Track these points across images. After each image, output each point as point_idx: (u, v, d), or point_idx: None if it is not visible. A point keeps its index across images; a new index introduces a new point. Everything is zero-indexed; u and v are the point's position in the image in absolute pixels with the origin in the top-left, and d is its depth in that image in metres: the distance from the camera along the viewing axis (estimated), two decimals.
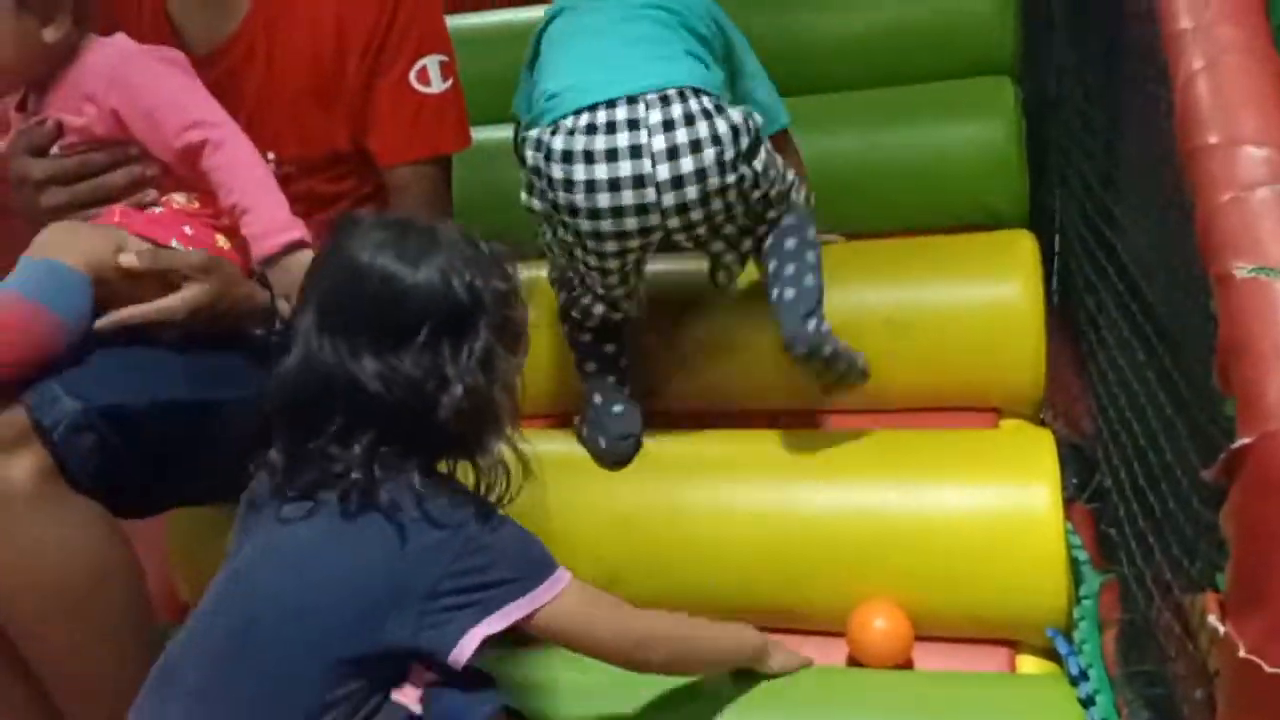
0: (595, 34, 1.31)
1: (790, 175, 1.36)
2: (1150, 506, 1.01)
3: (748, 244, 1.36)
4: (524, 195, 1.30)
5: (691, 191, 1.22)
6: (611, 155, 1.21)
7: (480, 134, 1.55)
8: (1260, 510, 0.61)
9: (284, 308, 1.22)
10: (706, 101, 1.23)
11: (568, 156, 1.22)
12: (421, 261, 0.96)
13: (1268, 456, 0.60)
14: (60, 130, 1.23)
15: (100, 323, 1.14)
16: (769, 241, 1.35)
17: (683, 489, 1.35)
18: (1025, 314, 1.43)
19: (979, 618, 1.24)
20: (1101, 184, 1.46)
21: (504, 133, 1.58)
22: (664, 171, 1.20)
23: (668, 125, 1.21)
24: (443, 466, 1.01)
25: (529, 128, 1.31)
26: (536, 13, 2.03)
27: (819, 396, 1.49)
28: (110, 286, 1.15)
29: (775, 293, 1.33)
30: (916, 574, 1.24)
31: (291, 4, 1.37)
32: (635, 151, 1.20)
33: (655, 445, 1.39)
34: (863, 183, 1.60)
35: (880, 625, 1.23)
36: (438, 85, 1.40)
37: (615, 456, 1.40)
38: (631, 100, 1.22)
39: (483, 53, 1.94)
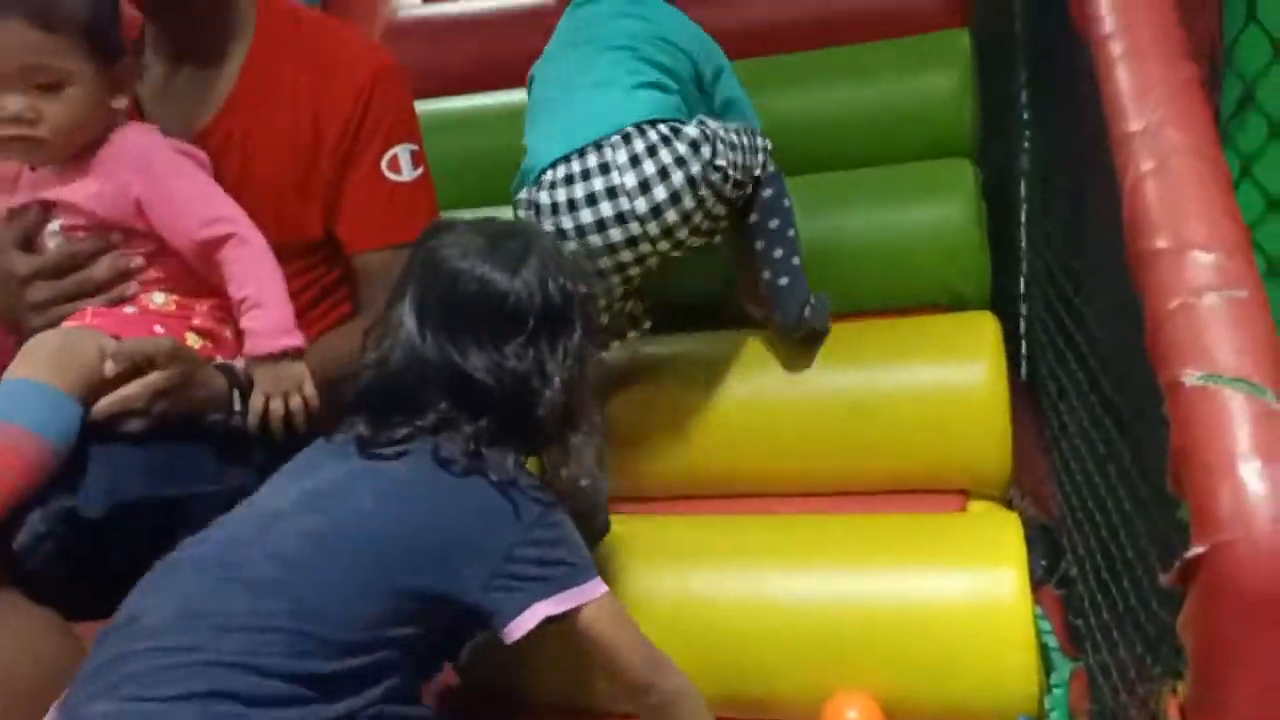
0: (559, 86, 1.43)
1: (748, 142, 1.43)
2: (1113, 599, 1.01)
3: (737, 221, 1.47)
4: None
5: (671, 215, 1.33)
6: (591, 200, 1.32)
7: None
8: (1216, 620, 0.60)
9: (257, 406, 1.21)
10: (663, 129, 1.33)
11: (554, 209, 1.34)
12: (519, 267, 1.05)
13: (1221, 567, 0.59)
14: (47, 212, 1.22)
15: None
16: (753, 218, 1.48)
17: (648, 576, 1.33)
18: (990, 397, 1.44)
19: (952, 706, 1.22)
20: (1062, 269, 1.48)
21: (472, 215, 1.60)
22: (642, 205, 1.32)
23: (634, 161, 1.32)
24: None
25: (518, 189, 1.42)
26: (506, 97, 2.10)
27: (785, 480, 1.49)
28: (93, 393, 1.14)
29: (767, 276, 1.48)
30: (887, 663, 1.22)
31: (268, 96, 1.37)
32: (611, 193, 1.32)
33: (621, 528, 1.38)
34: (825, 265, 1.61)
35: (854, 717, 1.22)
36: (408, 174, 1.41)
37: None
38: (598, 146, 1.33)
39: (449, 137, 1.97)
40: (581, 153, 1.33)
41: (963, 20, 1.96)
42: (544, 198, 1.35)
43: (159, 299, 1.24)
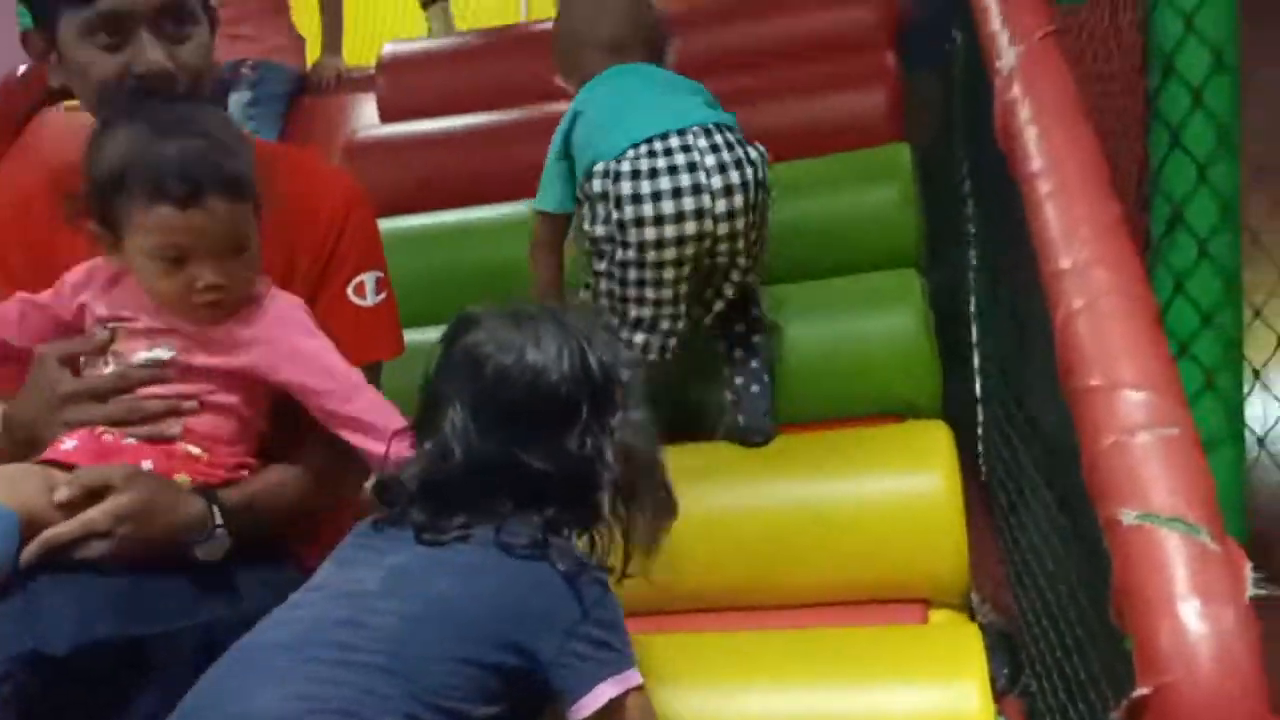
0: (631, 94, 1.59)
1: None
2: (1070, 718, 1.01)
3: (746, 279, 1.61)
4: (586, 226, 1.55)
5: (737, 199, 1.49)
6: (673, 170, 1.48)
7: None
8: None
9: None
10: (736, 135, 1.54)
11: (635, 175, 1.48)
12: (562, 351, 1.07)
13: (1166, 709, 0.61)
14: (112, 337, 1.20)
15: (25, 553, 1.08)
16: (739, 327, 1.64)
17: None
18: (945, 506, 1.46)
19: None
20: (1013, 375, 1.51)
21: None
22: (717, 181, 1.48)
23: (714, 149, 1.50)
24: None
25: (587, 172, 1.54)
26: (462, 214, 2.13)
27: (746, 593, 1.50)
28: (39, 526, 1.10)
29: (740, 382, 1.62)
30: None
31: None
32: (691, 167, 1.48)
33: None
34: (778, 375, 1.64)
35: None
36: (371, 299, 1.42)
37: None
38: (680, 132, 1.50)
39: (406, 254, 2.00)
40: (664, 136, 1.49)
41: (902, 134, 2.04)
42: (625, 166, 1.49)
43: (194, 450, 1.20)
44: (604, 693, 1.00)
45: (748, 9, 2.36)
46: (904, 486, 1.49)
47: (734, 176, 1.49)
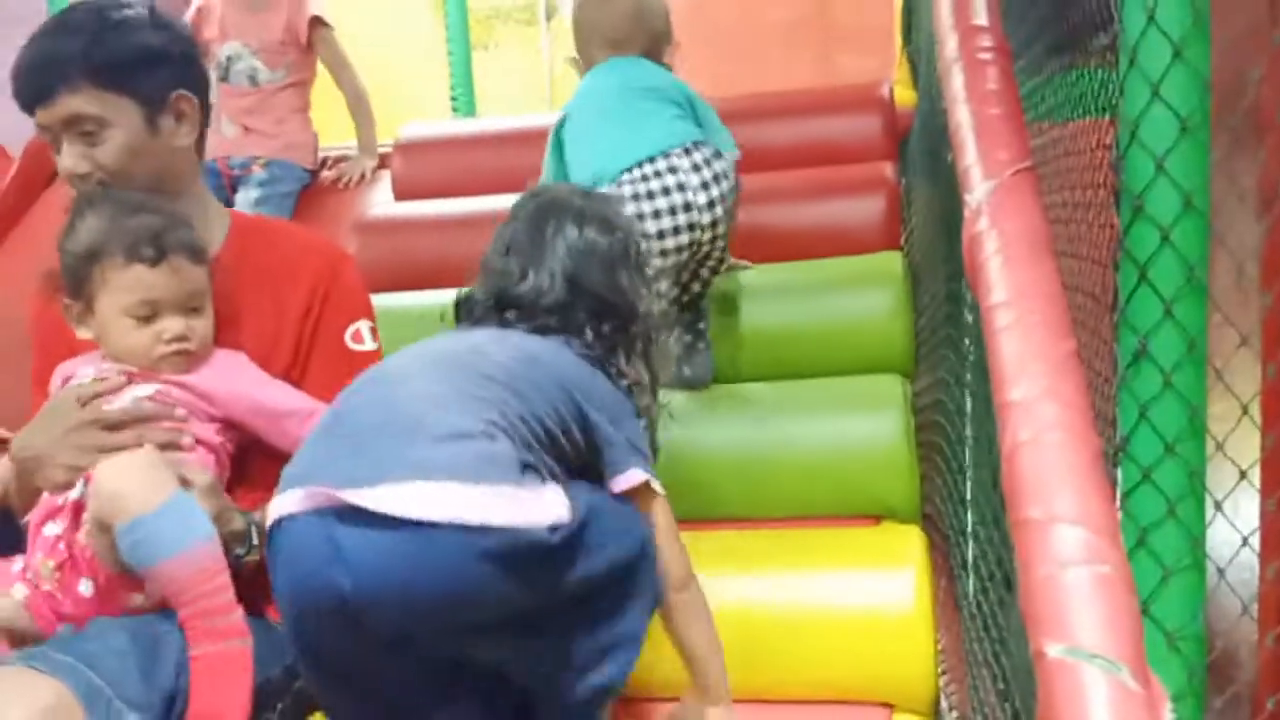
0: (613, 118, 1.85)
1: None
2: None
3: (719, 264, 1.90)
4: None
5: (718, 209, 1.78)
6: (665, 191, 1.76)
7: None
8: None
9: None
10: (709, 149, 1.81)
11: (635, 198, 1.75)
12: (618, 213, 1.45)
13: None
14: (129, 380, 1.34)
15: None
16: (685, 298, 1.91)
17: None
18: (914, 612, 1.48)
19: None
20: (986, 494, 1.53)
21: None
22: (702, 198, 1.76)
23: (696, 168, 1.78)
24: None
25: (595, 185, 1.77)
26: None
27: None
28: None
29: (689, 339, 1.89)
30: None
31: (230, 301, 1.46)
32: (680, 187, 1.76)
33: None
34: (757, 471, 1.67)
35: None
36: (369, 344, 1.51)
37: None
38: (665, 155, 1.79)
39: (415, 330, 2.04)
40: (653, 160, 1.78)
41: (898, 243, 2.09)
42: (626, 190, 1.75)
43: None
44: (637, 475, 1.24)
45: (753, 112, 2.44)
46: (874, 590, 1.51)
47: (714, 191, 1.78)
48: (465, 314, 1.39)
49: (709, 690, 1.29)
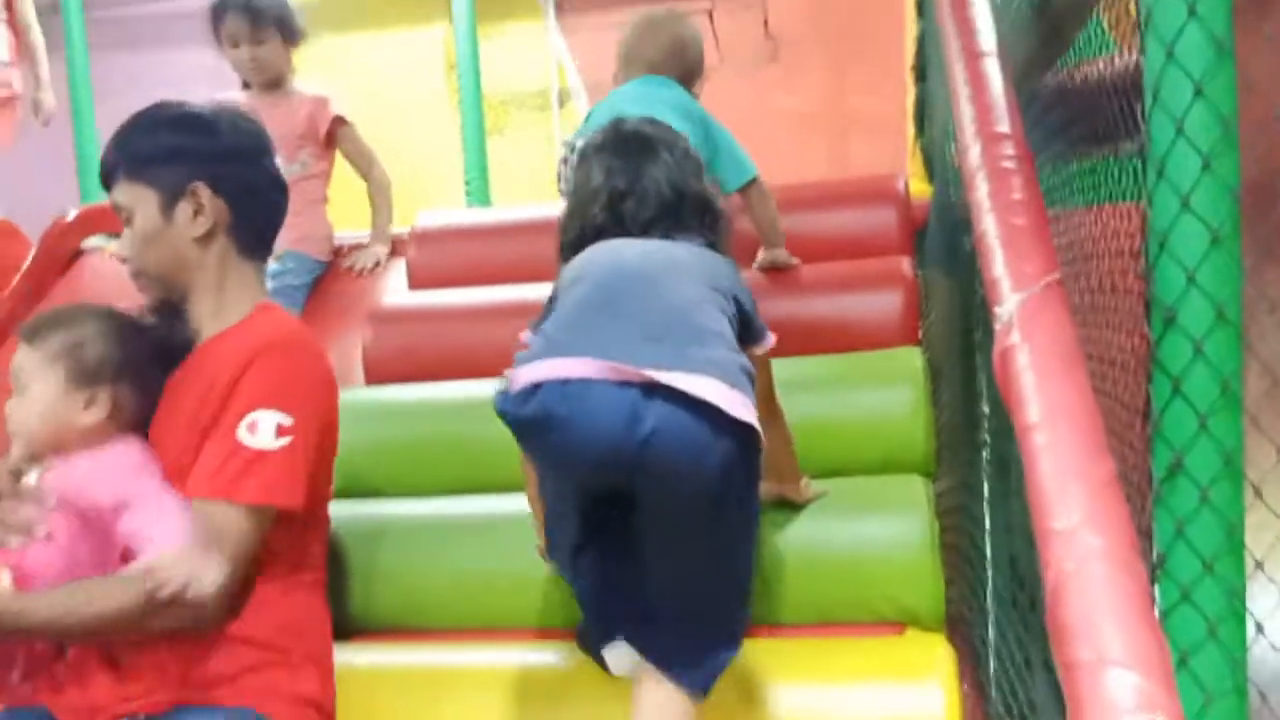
0: (625, 112, 1.94)
1: None
2: None
3: None
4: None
5: None
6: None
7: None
8: None
9: None
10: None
11: None
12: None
13: None
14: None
15: None
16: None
17: None
18: None
19: None
20: (1022, 590, 1.50)
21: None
22: None
23: None
24: None
25: None
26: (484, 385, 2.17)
27: None
28: None
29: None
30: None
31: (197, 371, 1.49)
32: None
33: None
34: (780, 575, 1.63)
35: None
36: (266, 440, 1.43)
37: None
38: None
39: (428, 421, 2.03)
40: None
41: (916, 338, 2.07)
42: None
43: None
44: (771, 339, 1.58)
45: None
46: (900, 706, 1.46)
47: None
48: (585, 235, 1.57)
49: (790, 474, 1.73)
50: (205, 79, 2.87)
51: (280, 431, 1.44)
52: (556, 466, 1.43)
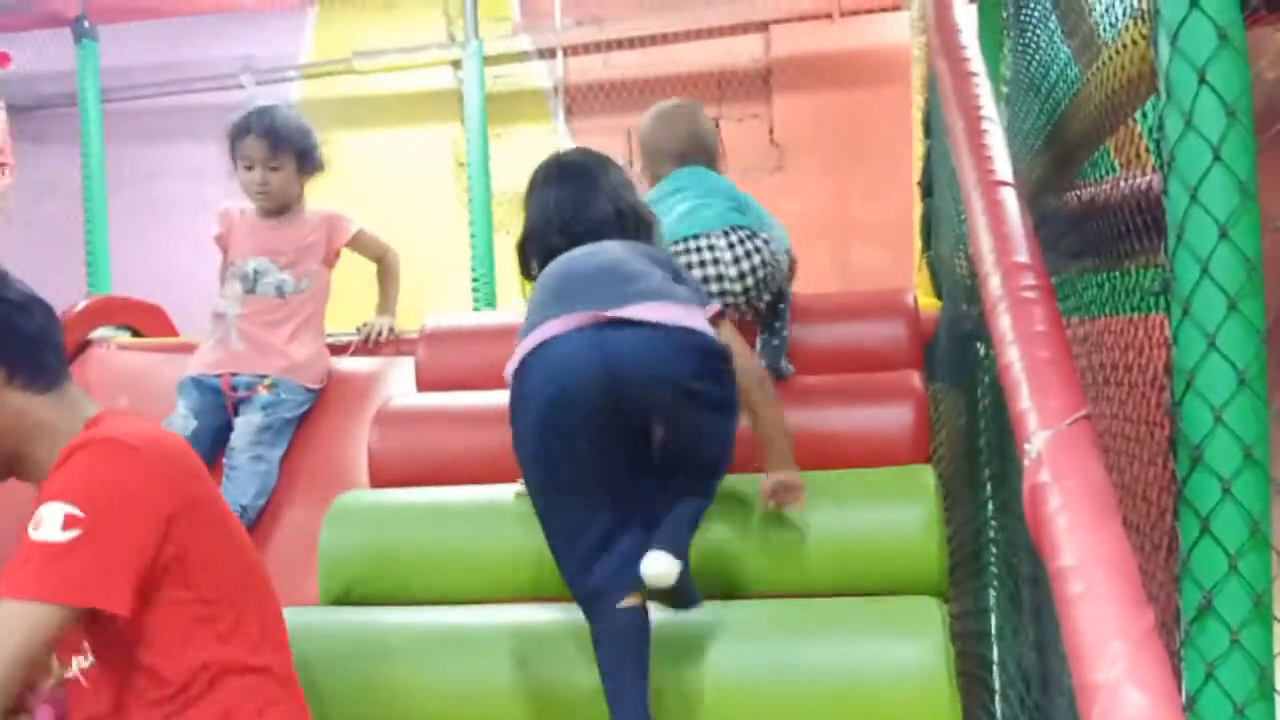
0: (679, 200, 2.27)
1: (785, 262, 2.34)
2: None
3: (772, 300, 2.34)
4: None
5: (749, 279, 2.20)
6: (702, 264, 2.19)
7: None
8: None
9: None
10: (745, 231, 2.22)
11: (688, 267, 2.16)
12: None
13: None
14: None
15: None
16: (780, 307, 2.38)
17: None
18: None
19: None
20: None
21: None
22: (733, 271, 2.19)
23: (730, 245, 2.20)
24: None
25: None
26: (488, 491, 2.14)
27: None
28: None
29: (766, 336, 2.39)
30: None
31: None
32: (715, 260, 2.20)
33: None
34: (778, 701, 1.59)
35: None
36: (50, 533, 1.35)
37: None
38: (702, 235, 2.21)
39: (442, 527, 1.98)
40: (695, 237, 2.20)
41: (927, 455, 2.05)
42: (681, 260, 2.14)
43: None
44: (716, 305, 1.86)
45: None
46: None
47: (745, 264, 2.19)
48: (537, 251, 1.88)
49: (785, 459, 1.88)
50: (223, 173, 2.88)
51: (69, 523, 1.34)
52: (558, 414, 1.61)
